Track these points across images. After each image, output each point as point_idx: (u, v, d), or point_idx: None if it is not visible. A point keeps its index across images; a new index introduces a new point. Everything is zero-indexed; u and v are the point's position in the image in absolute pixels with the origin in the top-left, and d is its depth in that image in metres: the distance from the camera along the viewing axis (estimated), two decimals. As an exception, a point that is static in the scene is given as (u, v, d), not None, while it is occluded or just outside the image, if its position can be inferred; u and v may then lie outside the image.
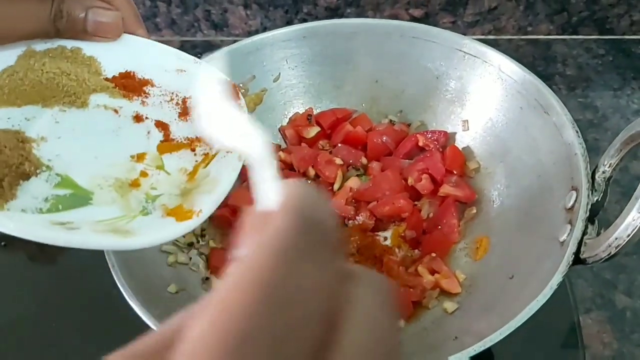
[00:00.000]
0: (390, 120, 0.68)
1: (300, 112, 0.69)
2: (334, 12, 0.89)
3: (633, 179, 0.73)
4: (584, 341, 0.61)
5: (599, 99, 0.84)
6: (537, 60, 0.89)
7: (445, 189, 0.61)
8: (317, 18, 0.89)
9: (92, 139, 0.43)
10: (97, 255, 0.48)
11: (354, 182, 0.64)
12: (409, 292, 0.55)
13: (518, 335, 0.57)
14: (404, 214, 0.60)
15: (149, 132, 0.46)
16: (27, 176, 0.38)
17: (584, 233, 0.46)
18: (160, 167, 0.44)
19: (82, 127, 0.43)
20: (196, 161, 0.45)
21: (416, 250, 0.59)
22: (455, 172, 0.62)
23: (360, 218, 0.61)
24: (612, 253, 0.43)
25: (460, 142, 0.65)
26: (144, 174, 0.43)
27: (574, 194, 0.49)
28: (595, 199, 0.48)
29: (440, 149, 0.64)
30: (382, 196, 0.61)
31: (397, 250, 0.58)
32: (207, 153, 0.45)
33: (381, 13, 0.89)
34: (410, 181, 0.62)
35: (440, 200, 0.62)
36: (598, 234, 0.47)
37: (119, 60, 0.45)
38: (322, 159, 0.65)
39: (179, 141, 0.46)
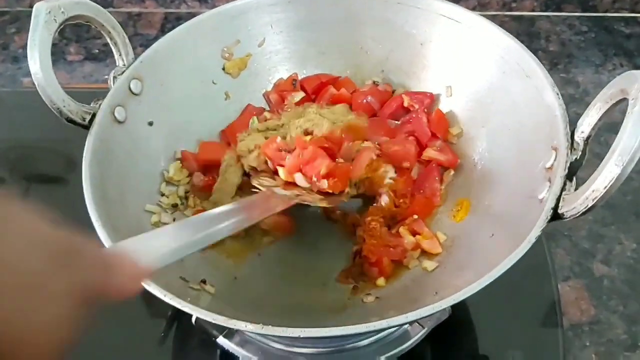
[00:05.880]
0: (374, 82, 0.68)
1: (285, 78, 0.69)
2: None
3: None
4: (562, 308, 0.61)
5: (580, 74, 0.85)
6: (520, 36, 0.89)
7: (429, 153, 0.61)
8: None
9: None
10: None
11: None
12: (390, 252, 0.55)
13: (498, 303, 0.58)
14: (406, 163, 0.60)
15: None
16: None
17: (562, 189, 0.47)
18: None
19: None
20: None
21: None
22: (439, 137, 0.63)
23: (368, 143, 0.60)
24: (590, 205, 0.43)
25: (444, 107, 0.65)
26: None
27: (554, 153, 0.50)
28: (574, 157, 0.48)
29: (425, 111, 0.64)
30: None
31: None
32: None
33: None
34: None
35: (424, 164, 0.62)
36: (576, 190, 0.47)
37: None
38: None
39: None
